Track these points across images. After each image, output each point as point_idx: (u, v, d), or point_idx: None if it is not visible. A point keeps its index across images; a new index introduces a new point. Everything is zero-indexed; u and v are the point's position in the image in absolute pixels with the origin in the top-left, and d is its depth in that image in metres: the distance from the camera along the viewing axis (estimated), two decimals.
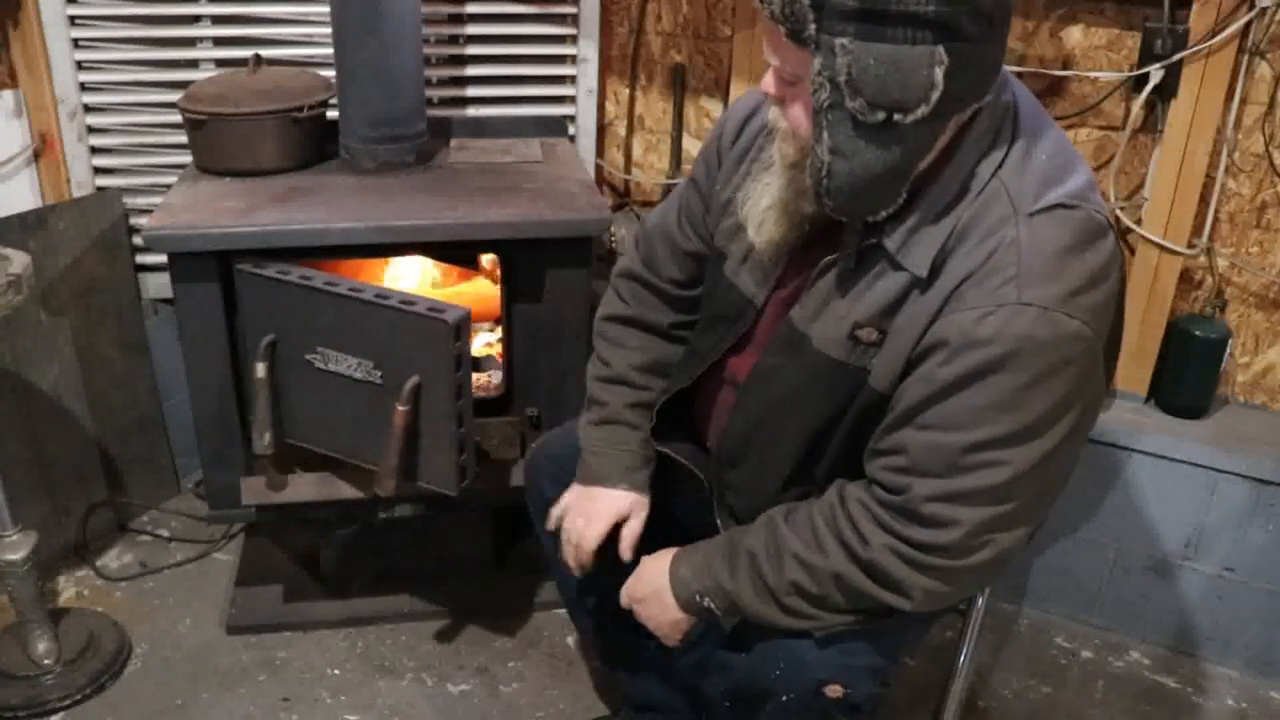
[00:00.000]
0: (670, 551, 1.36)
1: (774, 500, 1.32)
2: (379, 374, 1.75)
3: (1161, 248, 1.97)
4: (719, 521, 1.41)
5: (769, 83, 1.14)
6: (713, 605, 1.29)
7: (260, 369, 1.80)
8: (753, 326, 1.33)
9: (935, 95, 1.01)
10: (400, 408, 1.72)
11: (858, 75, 1.01)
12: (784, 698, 1.25)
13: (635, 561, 1.62)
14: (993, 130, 1.12)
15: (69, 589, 2.17)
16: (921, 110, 1.02)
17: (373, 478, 1.80)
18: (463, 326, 1.70)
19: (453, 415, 1.74)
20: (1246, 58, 1.83)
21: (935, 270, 1.12)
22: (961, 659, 1.61)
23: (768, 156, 1.25)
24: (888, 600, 1.18)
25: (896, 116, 1.03)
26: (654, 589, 1.34)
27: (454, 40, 2.30)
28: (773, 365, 1.28)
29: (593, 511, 1.46)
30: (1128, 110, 1.94)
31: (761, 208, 1.24)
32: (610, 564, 1.62)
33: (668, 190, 2.35)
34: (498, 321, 2.08)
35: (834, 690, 1.23)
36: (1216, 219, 1.96)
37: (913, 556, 1.15)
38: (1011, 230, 1.09)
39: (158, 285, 2.30)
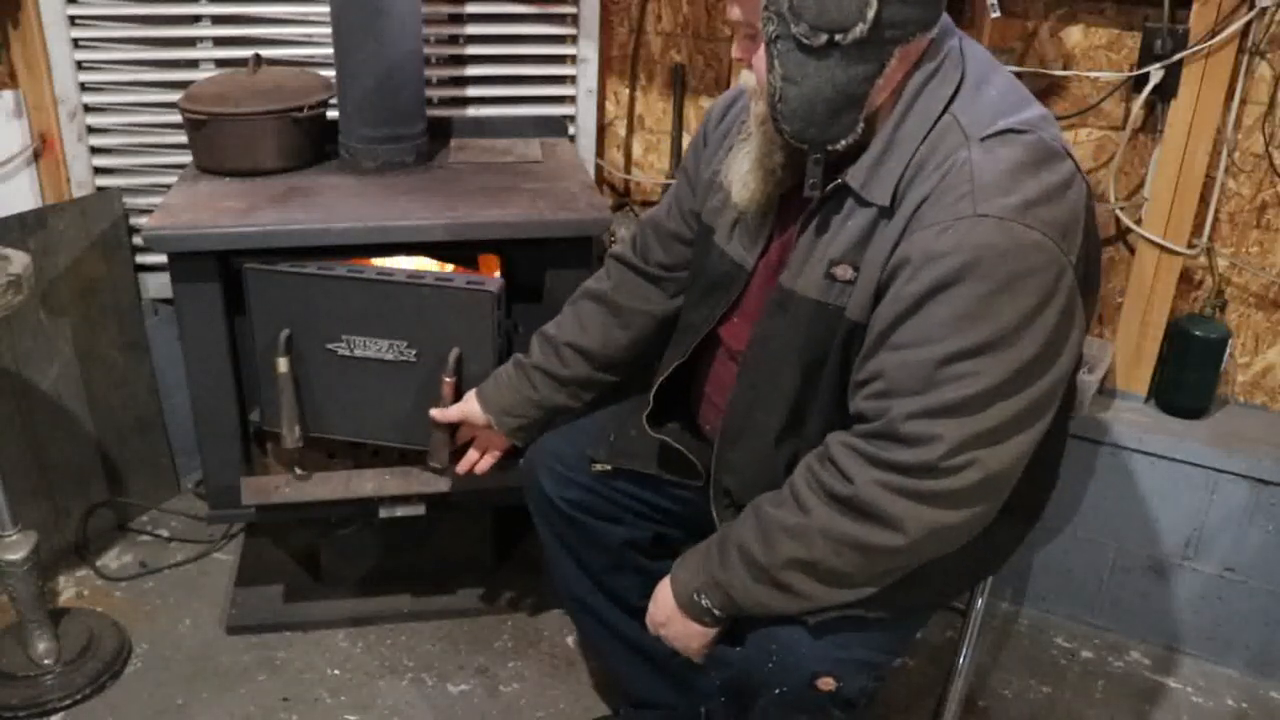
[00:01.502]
0: None
1: (767, 464, 1.34)
2: (413, 352, 1.81)
3: (1161, 248, 1.96)
4: (714, 512, 1.42)
5: (736, 48, 1.28)
6: (709, 603, 1.29)
7: (283, 364, 1.81)
8: (743, 293, 1.39)
9: (870, 13, 1.10)
10: (447, 379, 1.78)
11: (798, 2, 1.12)
12: (777, 690, 1.25)
13: (635, 566, 1.64)
14: (939, 69, 1.19)
15: (69, 589, 2.17)
16: (859, 29, 1.11)
17: (419, 458, 1.87)
18: (501, 295, 1.81)
19: None
20: (1246, 58, 1.83)
21: (897, 200, 1.18)
22: (961, 659, 1.61)
23: (746, 128, 1.33)
24: (880, 541, 1.17)
25: (837, 37, 1.12)
26: (671, 610, 1.35)
27: (454, 40, 2.30)
28: (769, 329, 1.31)
29: (465, 399, 1.73)
30: (1128, 110, 1.94)
31: (742, 171, 1.32)
32: (613, 565, 1.63)
33: (667, 190, 2.35)
34: None
35: (826, 683, 1.23)
36: (1216, 219, 1.96)
37: (899, 484, 1.14)
38: (964, 152, 1.15)
39: (158, 285, 2.30)
